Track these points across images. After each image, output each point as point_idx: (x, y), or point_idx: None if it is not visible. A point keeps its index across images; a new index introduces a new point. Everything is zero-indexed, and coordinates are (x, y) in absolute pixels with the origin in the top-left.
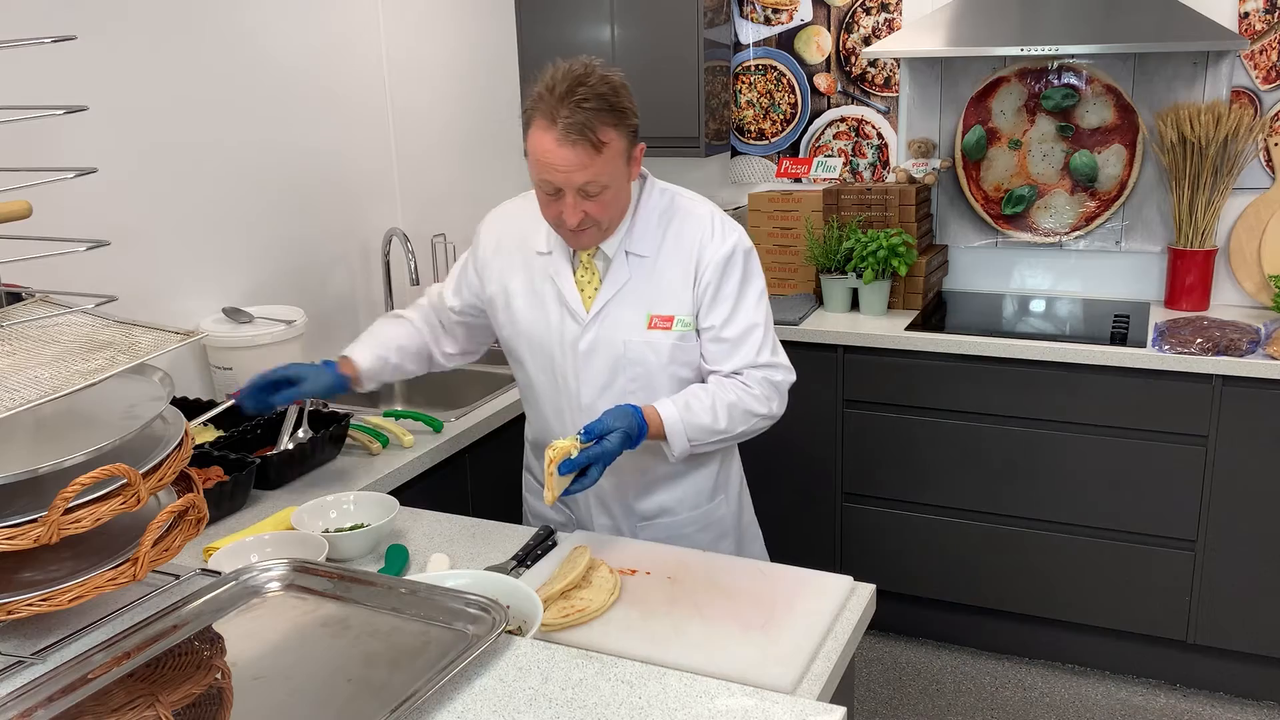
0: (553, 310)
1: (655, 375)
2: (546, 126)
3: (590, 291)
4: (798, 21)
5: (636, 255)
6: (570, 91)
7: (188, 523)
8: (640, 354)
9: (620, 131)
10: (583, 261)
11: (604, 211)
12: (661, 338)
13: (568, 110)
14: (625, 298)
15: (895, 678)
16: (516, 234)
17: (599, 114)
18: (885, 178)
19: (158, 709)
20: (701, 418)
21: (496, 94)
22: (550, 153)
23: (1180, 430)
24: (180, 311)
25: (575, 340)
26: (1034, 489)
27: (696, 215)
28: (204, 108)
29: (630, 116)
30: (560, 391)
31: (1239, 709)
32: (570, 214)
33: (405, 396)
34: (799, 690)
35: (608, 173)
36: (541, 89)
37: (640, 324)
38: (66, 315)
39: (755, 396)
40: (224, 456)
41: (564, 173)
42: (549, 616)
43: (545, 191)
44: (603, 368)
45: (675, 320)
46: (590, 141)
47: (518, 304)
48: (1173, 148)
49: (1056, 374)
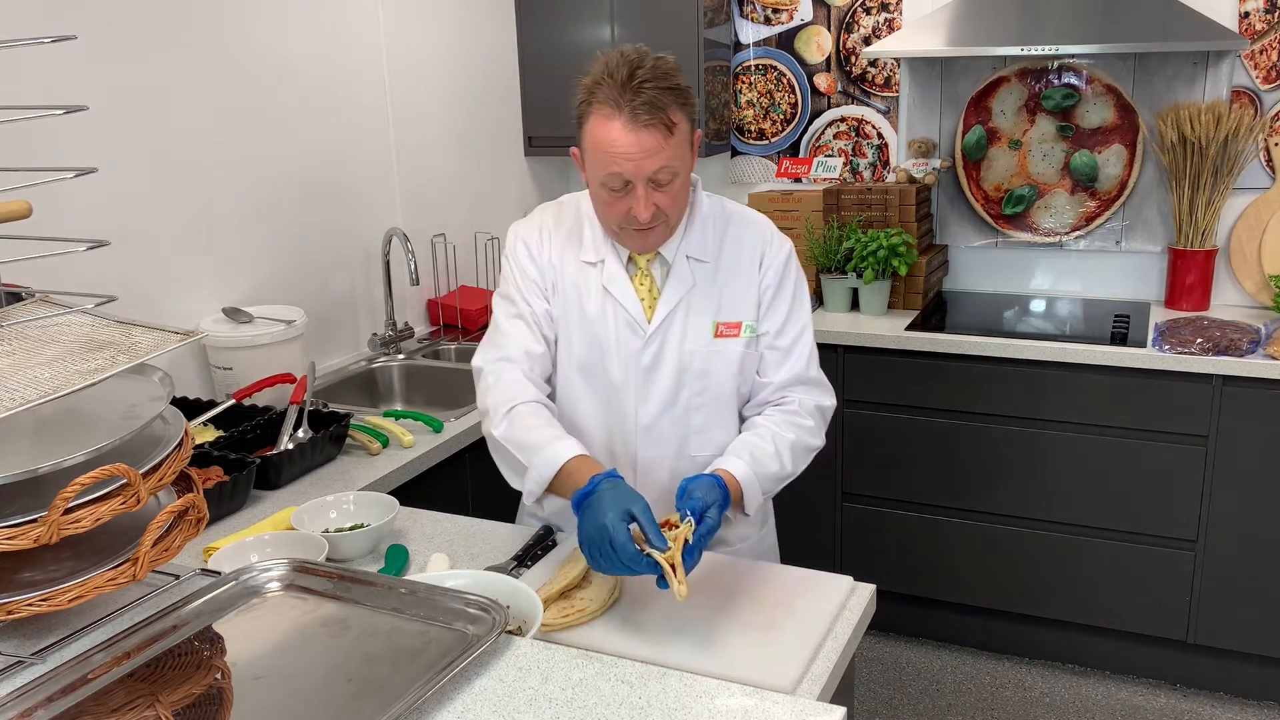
0: (609, 323)
1: (722, 388)
2: (611, 114)
3: (650, 300)
4: (798, 21)
5: (697, 260)
6: (631, 75)
7: (188, 523)
8: (707, 365)
9: (685, 112)
10: (639, 268)
11: (674, 203)
12: (730, 346)
13: (632, 93)
14: (690, 305)
15: (895, 678)
16: (558, 244)
17: (665, 93)
18: (885, 177)
19: (158, 709)
20: (769, 466)
21: (496, 93)
22: (619, 140)
23: (1180, 430)
24: (180, 311)
25: (636, 354)
26: (1034, 489)
27: (755, 219)
28: (204, 108)
29: (692, 97)
30: (614, 412)
31: (1239, 709)
32: (643, 207)
33: (405, 396)
34: (799, 690)
35: (678, 158)
36: (597, 78)
37: (707, 332)
38: (66, 315)
39: (810, 430)
40: (224, 456)
41: (635, 160)
42: (549, 616)
43: (611, 188)
44: (667, 383)
45: (743, 326)
46: (662, 123)
47: (568, 321)
48: (1173, 148)
49: (1056, 374)
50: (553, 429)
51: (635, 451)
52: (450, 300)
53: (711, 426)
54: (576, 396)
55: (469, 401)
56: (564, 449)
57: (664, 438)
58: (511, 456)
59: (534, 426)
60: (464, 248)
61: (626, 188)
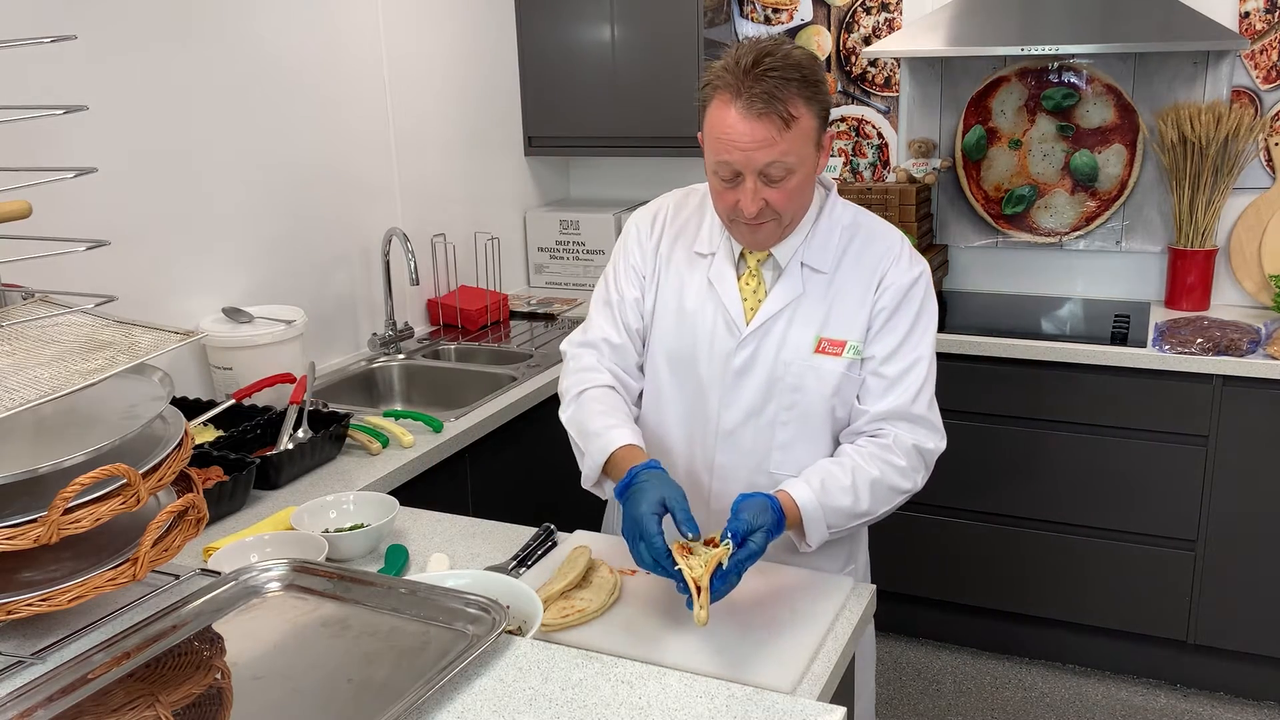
0: (706, 318)
1: (813, 406)
2: (729, 100)
3: (754, 302)
4: (798, 21)
5: (812, 268)
6: (757, 62)
7: (187, 523)
8: (801, 380)
9: (811, 108)
10: (749, 267)
11: (787, 202)
12: (830, 364)
13: (753, 80)
14: (794, 313)
15: (895, 678)
16: (672, 232)
17: (788, 84)
18: (885, 177)
19: (158, 709)
20: (839, 499)
21: (496, 94)
22: (732, 128)
23: (1180, 430)
24: (180, 311)
25: (729, 355)
26: (1034, 489)
27: (885, 235)
28: (204, 108)
29: (823, 92)
30: (696, 414)
31: (1239, 709)
32: (749, 201)
33: (405, 396)
34: (799, 690)
35: (795, 153)
36: (725, 63)
37: (807, 345)
38: (66, 315)
39: (900, 470)
40: (224, 456)
41: (746, 151)
42: (549, 616)
43: (722, 177)
44: (755, 390)
45: (847, 346)
46: (779, 114)
47: (665, 311)
48: (1173, 148)
49: (1057, 374)
50: (612, 416)
51: (714, 456)
52: (450, 300)
53: (796, 444)
54: (663, 390)
55: (469, 401)
56: (616, 437)
57: (744, 447)
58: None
59: (595, 413)
60: (464, 247)
61: (736, 179)
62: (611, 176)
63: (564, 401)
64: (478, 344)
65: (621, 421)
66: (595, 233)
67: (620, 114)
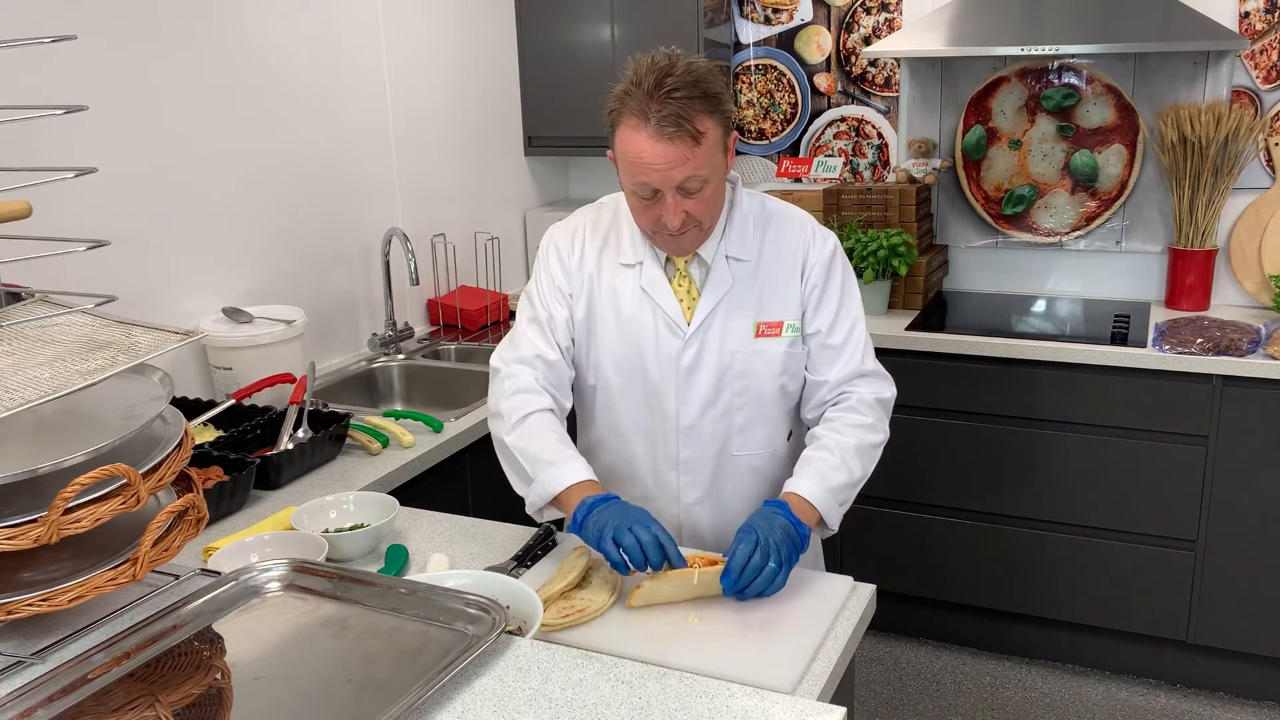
0: (647, 324)
1: (764, 387)
2: (638, 125)
3: (689, 302)
4: (798, 21)
5: (737, 259)
6: (659, 84)
7: (187, 523)
8: (748, 365)
9: (716, 119)
10: (678, 269)
11: (706, 209)
12: (771, 346)
13: (658, 104)
14: (730, 305)
15: (895, 678)
16: (594, 247)
17: (692, 102)
18: (885, 177)
19: (158, 709)
20: (837, 478)
21: (496, 94)
22: (645, 151)
23: (1180, 430)
24: (180, 311)
25: (676, 356)
26: (1034, 489)
27: (794, 216)
28: (204, 107)
29: (724, 101)
30: (655, 413)
31: (1239, 709)
32: (672, 215)
33: (405, 396)
34: (799, 690)
35: (707, 165)
36: (627, 85)
37: (748, 333)
38: (66, 315)
39: (869, 426)
40: (224, 456)
41: (662, 170)
42: (549, 616)
43: (641, 196)
44: (707, 384)
45: (785, 326)
46: (688, 133)
47: (604, 324)
48: (1173, 148)
49: (1057, 374)
50: (565, 447)
51: (677, 452)
52: (450, 300)
53: (753, 426)
54: (615, 398)
55: (469, 401)
56: (570, 472)
57: (705, 438)
58: (518, 463)
59: (546, 442)
60: (464, 247)
61: (656, 195)
62: (611, 176)
63: (505, 422)
64: (478, 344)
65: (574, 454)
66: None
67: None
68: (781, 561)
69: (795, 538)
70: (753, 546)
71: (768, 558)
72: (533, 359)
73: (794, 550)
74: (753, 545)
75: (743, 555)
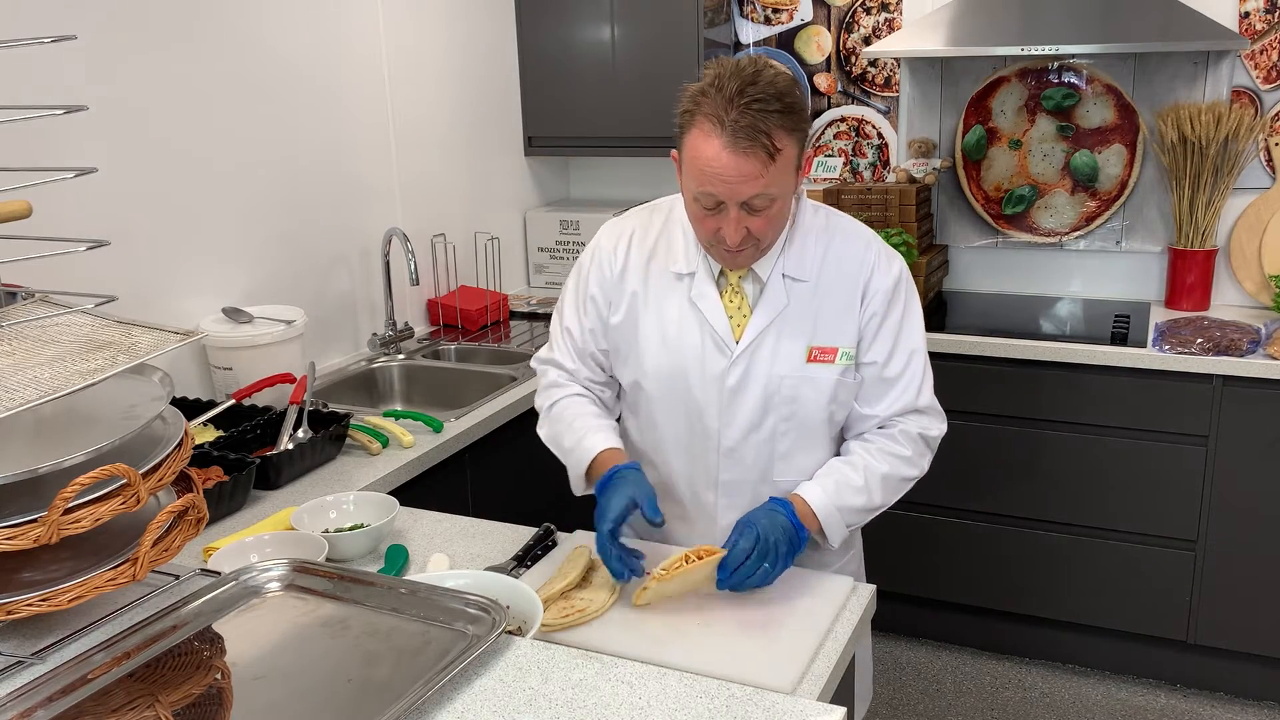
0: (693, 340)
1: (811, 415)
2: (712, 131)
3: (739, 319)
4: (798, 21)
5: (794, 279)
6: (741, 91)
7: (187, 523)
8: (796, 391)
9: (794, 138)
10: (730, 284)
11: (768, 228)
12: (823, 372)
13: (737, 112)
14: (782, 326)
15: (895, 678)
16: (644, 251)
17: (772, 116)
18: (885, 177)
19: (158, 709)
20: (853, 499)
21: (496, 94)
22: (716, 161)
23: (1180, 430)
24: (180, 311)
25: (721, 375)
26: (1034, 489)
27: (859, 235)
28: (204, 107)
29: (804, 119)
30: (695, 433)
31: (1239, 709)
32: (732, 231)
33: (405, 396)
34: (799, 690)
35: (778, 184)
36: (705, 86)
37: (799, 356)
38: (66, 315)
39: (907, 460)
40: (224, 456)
41: (731, 184)
42: (549, 616)
43: (704, 205)
44: (752, 406)
45: (839, 353)
46: (764, 148)
47: (649, 334)
48: (1173, 147)
49: (1057, 374)
50: (580, 422)
51: (717, 474)
52: (450, 300)
53: (796, 452)
54: (655, 413)
55: (469, 401)
56: (591, 445)
57: (747, 461)
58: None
59: (567, 427)
60: (464, 248)
61: (719, 208)
62: (611, 176)
63: (540, 418)
64: (478, 344)
65: (594, 427)
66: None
67: (620, 114)
68: (776, 561)
69: (795, 540)
70: (752, 544)
71: (764, 558)
72: (561, 360)
73: (791, 551)
74: (752, 543)
75: (741, 552)
